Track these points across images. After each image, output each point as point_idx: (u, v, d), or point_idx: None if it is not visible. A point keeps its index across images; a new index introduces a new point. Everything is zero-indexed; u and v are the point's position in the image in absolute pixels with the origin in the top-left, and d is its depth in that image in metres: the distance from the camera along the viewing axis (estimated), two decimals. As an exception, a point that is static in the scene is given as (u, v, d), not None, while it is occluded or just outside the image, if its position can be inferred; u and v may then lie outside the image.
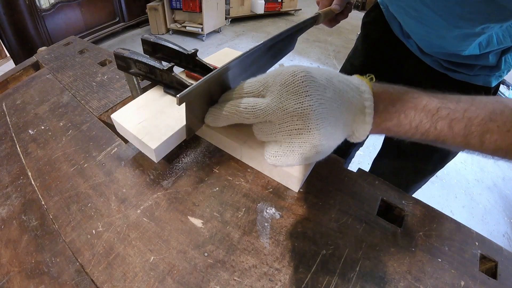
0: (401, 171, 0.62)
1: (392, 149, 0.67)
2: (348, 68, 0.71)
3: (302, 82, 0.28)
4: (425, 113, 0.30)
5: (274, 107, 0.29)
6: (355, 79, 0.32)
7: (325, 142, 0.29)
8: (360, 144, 0.86)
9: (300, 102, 0.28)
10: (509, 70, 0.47)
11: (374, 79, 0.33)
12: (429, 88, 0.32)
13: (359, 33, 0.70)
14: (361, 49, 0.68)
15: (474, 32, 0.38)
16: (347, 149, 0.82)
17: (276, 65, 0.36)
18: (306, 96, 0.28)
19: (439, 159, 0.59)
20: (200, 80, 0.30)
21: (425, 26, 0.44)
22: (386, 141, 0.70)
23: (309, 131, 0.28)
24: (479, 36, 0.39)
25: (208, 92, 0.34)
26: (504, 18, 0.33)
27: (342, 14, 0.57)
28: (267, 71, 0.37)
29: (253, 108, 0.30)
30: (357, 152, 0.93)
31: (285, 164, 0.33)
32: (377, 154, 0.73)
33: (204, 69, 0.42)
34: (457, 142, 0.29)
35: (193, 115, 0.34)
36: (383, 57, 0.62)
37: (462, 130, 0.28)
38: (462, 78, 0.48)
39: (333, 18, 0.57)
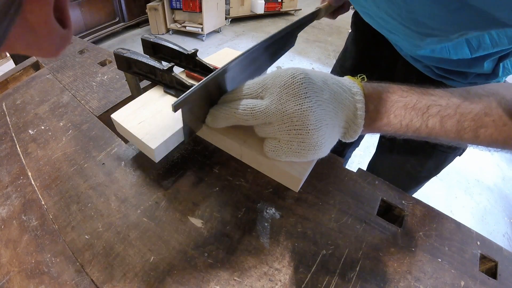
0: (396, 176, 0.61)
1: (386, 155, 0.66)
2: (338, 70, 0.70)
3: (301, 84, 0.28)
4: (415, 111, 0.30)
5: (273, 109, 0.29)
6: (347, 80, 0.32)
7: (323, 142, 0.30)
8: (355, 145, 0.85)
9: (299, 104, 0.28)
10: (507, 76, 0.43)
11: (365, 79, 0.33)
12: None
13: (349, 31, 0.68)
14: (351, 51, 0.66)
15: (450, 39, 0.33)
16: (341, 150, 0.82)
17: (273, 67, 0.36)
18: (305, 98, 0.28)
19: (434, 166, 0.58)
20: (195, 86, 0.30)
21: (396, 36, 0.41)
22: (380, 147, 0.69)
23: (308, 132, 0.29)
24: (457, 39, 0.34)
25: (208, 93, 0.34)
26: (484, 26, 0.27)
27: (343, 7, 0.59)
28: (265, 73, 0.36)
29: (252, 110, 0.30)
30: (357, 152, 0.93)
31: (283, 159, 0.33)
32: (372, 159, 0.73)
33: (204, 69, 0.42)
34: (450, 138, 0.30)
35: (192, 116, 0.34)
36: (374, 59, 0.61)
37: (454, 126, 0.28)
38: (457, 85, 0.45)
39: (335, 11, 0.59)
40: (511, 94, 0.29)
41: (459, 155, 0.56)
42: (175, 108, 0.28)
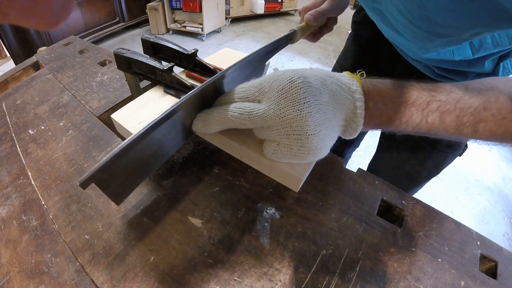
0: (396, 177, 0.61)
1: (386, 155, 0.66)
2: (338, 69, 0.70)
3: (300, 88, 0.28)
4: (415, 107, 0.30)
5: (271, 114, 0.29)
6: (346, 77, 0.32)
7: (322, 145, 0.30)
8: (355, 145, 0.85)
9: (298, 110, 0.27)
10: (507, 76, 0.43)
11: (365, 75, 0.33)
12: None
13: (349, 32, 0.68)
14: (351, 50, 0.66)
15: (460, 39, 0.33)
16: (341, 150, 0.82)
17: (271, 69, 0.35)
18: (304, 103, 0.28)
19: (433, 167, 0.58)
20: (116, 149, 0.25)
21: (404, 38, 0.40)
22: (380, 148, 0.69)
23: (307, 137, 0.28)
24: (467, 41, 0.34)
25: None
26: (495, 21, 0.27)
27: (326, 27, 0.52)
28: (262, 76, 0.36)
29: (250, 114, 0.29)
30: (357, 152, 0.93)
31: (283, 161, 0.33)
32: (372, 159, 0.73)
33: (204, 69, 0.42)
34: (450, 133, 0.30)
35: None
36: (374, 59, 0.61)
37: (454, 122, 0.29)
38: None
39: (316, 32, 0.52)
40: (509, 88, 0.29)
41: (459, 155, 0.56)
42: (83, 185, 0.24)
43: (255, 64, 0.39)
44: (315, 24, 0.47)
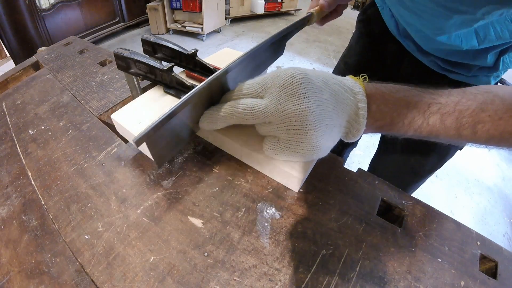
0: (399, 172, 0.62)
1: (389, 151, 0.66)
2: (342, 67, 0.70)
3: (300, 84, 0.28)
4: (417, 110, 0.30)
5: (272, 108, 0.29)
6: (349, 80, 0.32)
7: (321, 142, 0.30)
8: (353, 145, 0.86)
9: (298, 104, 0.28)
10: (506, 71, 0.46)
11: (367, 79, 0.33)
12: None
13: (354, 31, 0.69)
14: (356, 48, 0.66)
15: (474, 18, 0.35)
16: (340, 150, 0.83)
17: (273, 67, 0.36)
18: (304, 98, 0.28)
19: (437, 160, 0.59)
20: (163, 115, 0.28)
21: (421, 19, 0.42)
22: (382, 144, 0.70)
23: (307, 132, 0.29)
24: (478, 21, 0.36)
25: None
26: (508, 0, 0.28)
27: (336, 12, 0.55)
28: (265, 73, 0.37)
29: (252, 109, 0.30)
30: (357, 152, 0.93)
31: (282, 158, 0.33)
32: (374, 157, 0.73)
33: (204, 69, 0.42)
34: (450, 135, 0.30)
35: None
36: (379, 56, 0.62)
37: (453, 123, 0.29)
38: (460, 79, 0.48)
39: (325, 16, 0.56)
40: (504, 91, 0.30)
41: (460, 149, 0.58)
42: (137, 143, 0.26)
43: (277, 44, 0.43)
44: (329, 10, 0.52)
